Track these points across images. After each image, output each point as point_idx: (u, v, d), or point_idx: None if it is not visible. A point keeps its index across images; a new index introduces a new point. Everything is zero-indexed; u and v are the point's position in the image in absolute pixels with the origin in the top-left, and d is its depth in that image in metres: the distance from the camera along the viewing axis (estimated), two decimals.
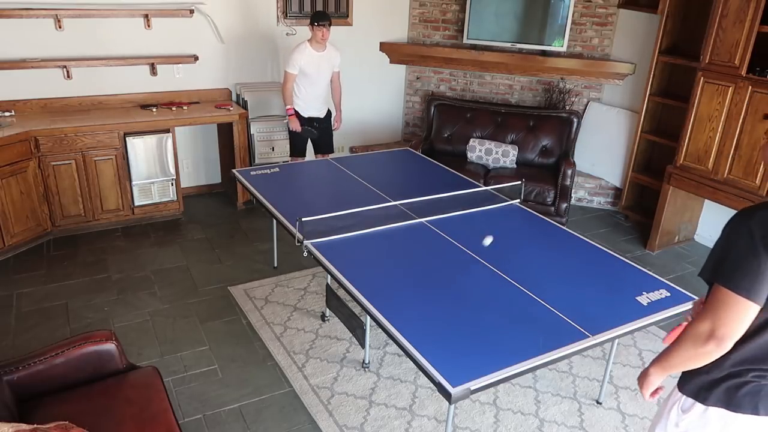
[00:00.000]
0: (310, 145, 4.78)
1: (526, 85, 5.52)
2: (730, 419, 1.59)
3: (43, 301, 3.64)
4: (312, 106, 4.57)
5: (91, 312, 3.55)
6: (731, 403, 1.58)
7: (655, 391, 1.73)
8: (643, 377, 1.72)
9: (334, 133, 4.85)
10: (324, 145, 4.79)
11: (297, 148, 4.69)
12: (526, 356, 2.18)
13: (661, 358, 1.65)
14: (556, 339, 2.29)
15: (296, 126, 4.50)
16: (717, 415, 1.60)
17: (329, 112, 4.74)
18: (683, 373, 1.67)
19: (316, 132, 4.63)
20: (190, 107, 4.79)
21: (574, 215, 5.19)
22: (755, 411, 1.56)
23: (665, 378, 1.68)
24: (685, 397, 1.67)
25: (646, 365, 1.70)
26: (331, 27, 4.36)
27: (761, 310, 1.47)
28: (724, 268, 1.47)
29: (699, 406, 1.63)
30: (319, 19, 4.26)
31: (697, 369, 1.60)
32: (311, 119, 4.60)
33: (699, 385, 1.62)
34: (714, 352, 1.49)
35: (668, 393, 1.79)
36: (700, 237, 4.84)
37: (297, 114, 4.52)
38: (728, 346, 1.48)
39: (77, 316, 3.51)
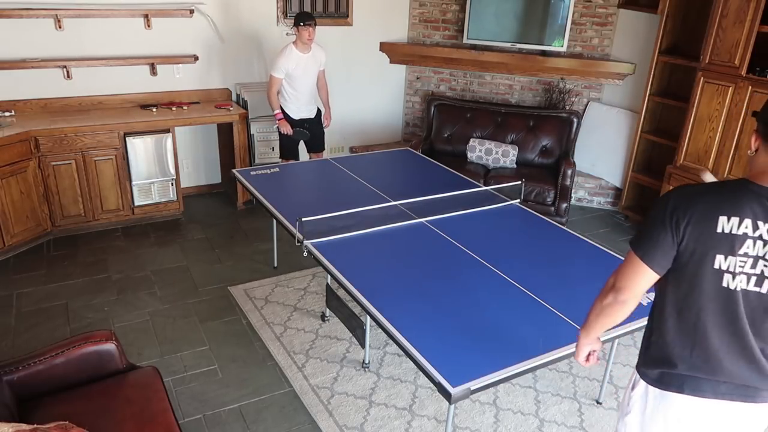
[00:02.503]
0: (302, 147, 4.76)
1: (526, 85, 5.52)
2: (664, 400, 1.66)
3: (43, 301, 3.64)
4: (302, 108, 4.55)
5: (91, 312, 3.55)
6: (663, 381, 1.64)
7: (589, 355, 1.86)
8: (576, 348, 1.85)
9: (330, 131, 4.85)
10: (316, 144, 4.79)
11: (288, 151, 4.65)
12: (526, 356, 2.18)
13: (584, 322, 1.78)
14: (556, 339, 2.29)
15: (287, 129, 4.48)
16: (653, 394, 1.68)
17: (319, 111, 4.74)
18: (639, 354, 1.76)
19: (308, 133, 4.61)
20: (190, 107, 4.79)
21: (574, 215, 5.19)
22: (680, 389, 1.62)
23: (595, 341, 1.81)
24: (635, 375, 1.75)
25: None
26: (332, 26, 4.35)
27: (673, 290, 1.56)
28: (637, 232, 1.60)
29: (641, 384, 1.71)
30: (305, 19, 4.21)
31: (642, 348, 1.71)
32: (302, 120, 4.58)
33: (642, 362, 1.71)
34: (614, 305, 1.63)
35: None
36: None
37: (287, 117, 4.50)
38: (627, 300, 1.61)
39: (77, 316, 3.51)
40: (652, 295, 2.60)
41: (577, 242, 3.17)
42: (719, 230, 1.46)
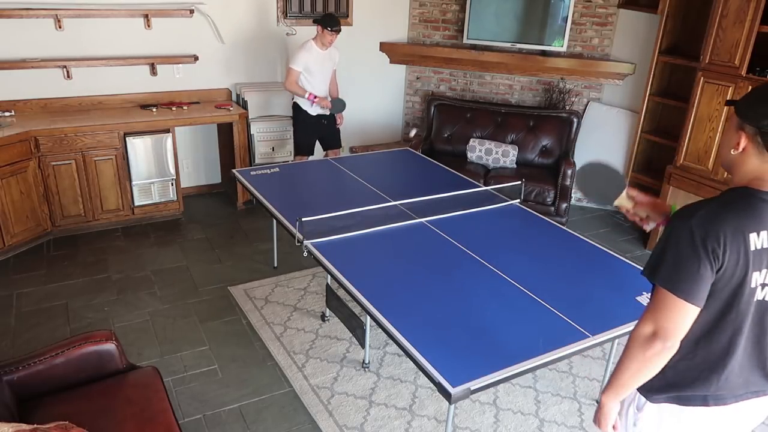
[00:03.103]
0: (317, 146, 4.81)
1: (526, 85, 5.52)
2: (683, 413, 1.60)
3: (43, 301, 3.64)
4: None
5: (91, 312, 3.55)
6: (681, 399, 1.58)
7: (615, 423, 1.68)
8: (598, 413, 1.65)
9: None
10: (334, 140, 4.87)
11: (304, 147, 4.72)
12: (526, 356, 2.18)
13: (610, 382, 1.58)
14: (556, 339, 2.29)
15: (326, 103, 4.56)
16: (669, 410, 1.61)
17: None
18: None
19: (344, 102, 4.71)
20: (190, 107, 4.79)
21: (574, 215, 5.19)
22: (705, 403, 1.57)
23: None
24: (638, 395, 1.65)
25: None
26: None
27: (704, 314, 1.46)
28: (664, 270, 1.44)
29: (652, 404, 1.62)
30: (332, 24, 4.31)
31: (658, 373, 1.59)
32: (319, 116, 4.65)
33: (650, 387, 1.60)
34: (662, 353, 1.47)
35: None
36: None
37: (306, 114, 4.58)
38: (674, 344, 1.46)
39: (77, 316, 3.51)
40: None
41: (577, 242, 3.17)
42: (752, 248, 1.41)
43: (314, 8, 5.20)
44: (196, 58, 4.86)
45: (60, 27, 4.32)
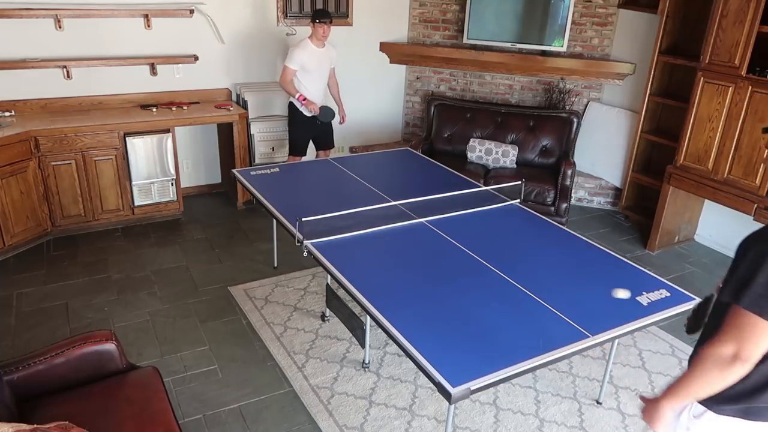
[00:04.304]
0: (310, 145, 4.79)
1: (526, 85, 5.52)
2: (745, 427, 1.58)
3: (43, 301, 3.64)
4: (316, 103, 4.60)
5: (91, 312, 3.55)
6: (749, 413, 1.57)
7: None
8: (652, 410, 1.65)
9: (337, 129, 4.91)
10: (327, 140, 4.86)
11: (298, 147, 4.71)
12: (526, 356, 2.18)
13: (676, 387, 1.59)
14: (556, 339, 2.29)
15: (315, 107, 4.54)
16: (732, 425, 1.59)
17: None
18: None
19: (334, 112, 4.69)
20: (190, 107, 4.79)
21: (574, 215, 5.19)
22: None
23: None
24: (696, 403, 1.63)
25: (655, 395, 1.65)
26: (332, 27, 4.41)
27: None
28: (751, 292, 1.43)
29: (711, 413, 1.60)
30: (321, 16, 4.36)
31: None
32: (314, 116, 4.63)
33: (714, 398, 1.58)
34: (739, 374, 1.47)
35: None
36: (700, 237, 4.84)
37: (301, 115, 4.57)
38: (752, 366, 1.47)
39: (77, 316, 3.51)
40: (652, 295, 2.62)
41: (577, 242, 3.17)
42: None
43: (314, 8, 5.20)
44: (196, 58, 4.86)
45: (60, 27, 4.32)
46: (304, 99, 4.48)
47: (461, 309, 2.50)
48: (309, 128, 4.66)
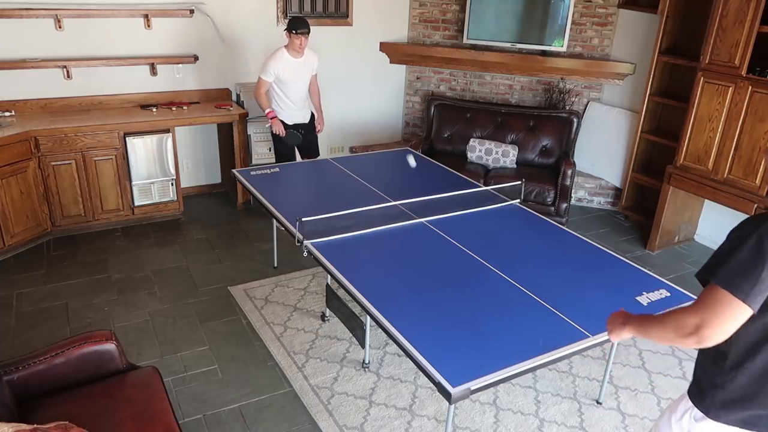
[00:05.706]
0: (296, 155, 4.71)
1: (526, 85, 5.52)
2: None
3: (43, 301, 3.64)
4: (295, 114, 4.45)
5: (91, 312, 3.56)
6: (747, 422, 1.57)
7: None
8: (615, 323, 1.79)
9: (330, 131, 4.82)
10: (311, 149, 4.67)
11: (284, 156, 4.53)
12: (526, 356, 2.18)
13: (643, 322, 1.66)
14: (556, 339, 2.29)
15: (280, 129, 4.34)
16: (731, 430, 1.60)
17: (313, 116, 4.64)
18: (695, 384, 1.67)
19: (301, 136, 4.48)
20: (190, 107, 4.79)
21: (574, 215, 5.19)
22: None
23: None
24: (696, 408, 1.65)
25: (624, 326, 1.74)
26: (332, 26, 4.33)
27: (756, 320, 1.46)
28: (726, 270, 1.45)
29: (712, 421, 1.61)
30: (298, 26, 4.06)
31: (710, 383, 1.60)
32: (296, 126, 4.48)
33: (711, 403, 1.60)
34: (693, 346, 1.49)
35: (678, 396, 1.78)
36: (700, 237, 4.85)
37: (282, 122, 4.40)
38: (710, 344, 1.47)
39: (77, 316, 3.51)
40: (652, 295, 2.62)
41: (577, 242, 3.17)
42: None
43: (314, 8, 5.20)
44: (196, 58, 4.86)
45: (60, 27, 4.32)
46: (273, 117, 4.32)
47: (461, 309, 2.50)
48: (289, 135, 4.45)
